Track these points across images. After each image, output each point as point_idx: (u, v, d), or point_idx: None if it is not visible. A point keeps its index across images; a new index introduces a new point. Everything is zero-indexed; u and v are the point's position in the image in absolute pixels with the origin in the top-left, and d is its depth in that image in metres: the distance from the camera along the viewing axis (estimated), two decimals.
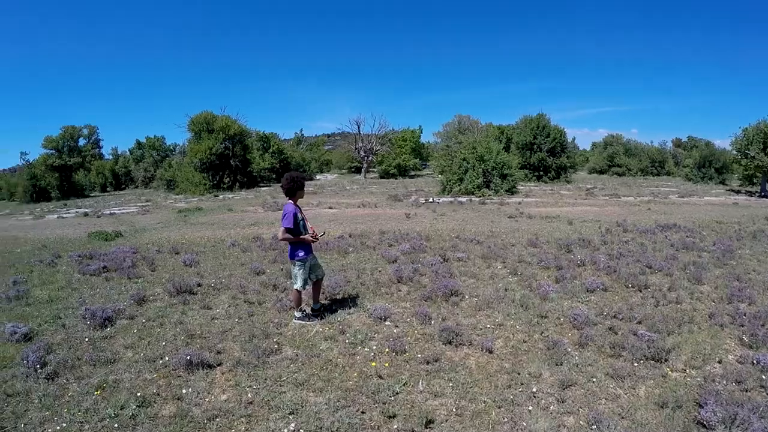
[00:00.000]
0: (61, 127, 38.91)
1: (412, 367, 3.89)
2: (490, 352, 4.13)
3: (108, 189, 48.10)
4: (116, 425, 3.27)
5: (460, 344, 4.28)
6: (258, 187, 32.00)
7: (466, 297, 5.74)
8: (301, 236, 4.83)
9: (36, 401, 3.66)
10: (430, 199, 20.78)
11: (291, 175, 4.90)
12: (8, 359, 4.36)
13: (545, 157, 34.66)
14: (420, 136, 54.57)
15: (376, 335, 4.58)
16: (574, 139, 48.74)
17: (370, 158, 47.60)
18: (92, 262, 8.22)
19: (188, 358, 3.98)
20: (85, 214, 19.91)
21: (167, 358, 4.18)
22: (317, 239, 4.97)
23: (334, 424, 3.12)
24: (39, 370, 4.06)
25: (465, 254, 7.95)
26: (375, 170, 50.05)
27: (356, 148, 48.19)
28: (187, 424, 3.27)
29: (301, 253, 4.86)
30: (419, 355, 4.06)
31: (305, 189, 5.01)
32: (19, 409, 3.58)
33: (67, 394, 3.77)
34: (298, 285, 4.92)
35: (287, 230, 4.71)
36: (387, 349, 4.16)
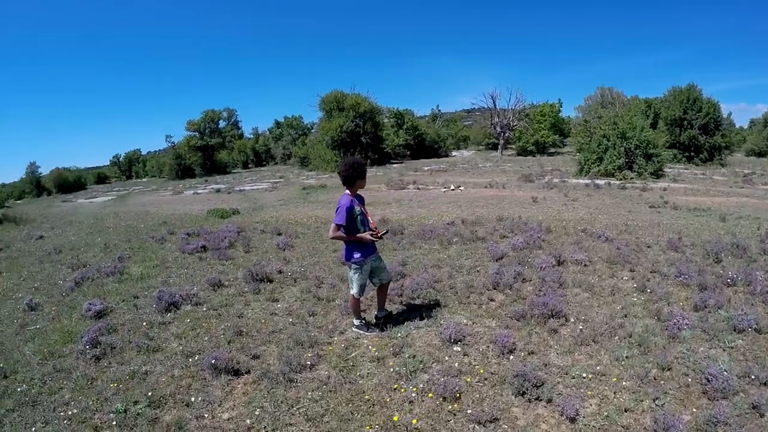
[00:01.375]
0: (202, 111, 44.20)
1: (457, 427, 2.96)
2: (573, 420, 2.97)
3: (249, 166, 53.71)
4: (116, 422, 3.14)
5: (536, 399, 3.19)
6: (389, 164, 32.41)
7: (570, 321, 4.47)
8: (358, 234, 4.11)
9: (73, 380, 3.79)
10: (564, 180, 18.51)
11: (350, 160, 4.15)
12: (75, 335, 4.54)
13: (697, 135, 29.94)
14: (560, 110, 51.23)
15: (434, 365, 3.71)
16: (729, 114, 39.94)
17: (506, 134, 46.29)
18: (194, 240, 8.75)
19: (213, 361, 3.63)
20: (218, 191, 22.16)
21: (201, 356, 3.92)
22: (379, 238, 4.18)
23: None
24: (88, 351, 4.12)
25: (587, 256, 6.44)
26: (513, 147, 48.35)
27: (492, 124, 47.32)
28: None
29: (357, 255, 4.16)
30: (472, 410, 3.08)
31: (366, 177, 4.27)
32: (56, 385, 3.74)
33: (101, 378, 3.75)
34: (354, 291, 4.30)
35: (338, 227, 4.03)
36: (433, 393, 3.26)
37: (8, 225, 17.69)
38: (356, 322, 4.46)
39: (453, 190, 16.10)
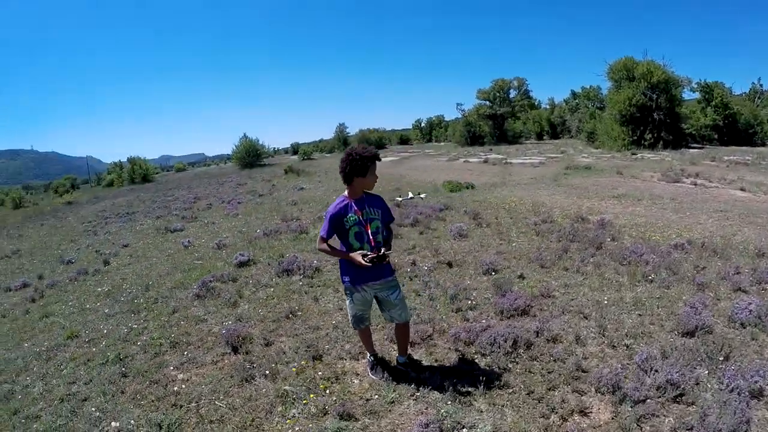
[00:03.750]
0: (491, 81, 44.39)
1: None
2: None
3: (543, 137, 51.79)
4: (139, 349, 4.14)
5: None
6: (686, 149, 25.59)
7: None
8: (350, 253, 3.13)
9: (177, 314, 5.19)
10: None
11: (348, 150, 3.18)
12: (207, 275, 5.87)
13: None
14: None
15: None
16: None
17: None
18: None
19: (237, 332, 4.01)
20: (485, 161, 22.46)
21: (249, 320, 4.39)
22: (377, 261, 3.05)
23: None
24: (199, 290, 5.46)
25: None
26: None
27: None
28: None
29: (346, 279, 3.25)
30: None
31: (372, 173, 3.20)
32: (156, 318, 4.89)
33: (182, 311, 5.08)
34: (349, 319, 3.55)
35: (321, 239, 3.20)
36: None
37: (291, 175, 23.36)
38: (369, 359, 3.62)
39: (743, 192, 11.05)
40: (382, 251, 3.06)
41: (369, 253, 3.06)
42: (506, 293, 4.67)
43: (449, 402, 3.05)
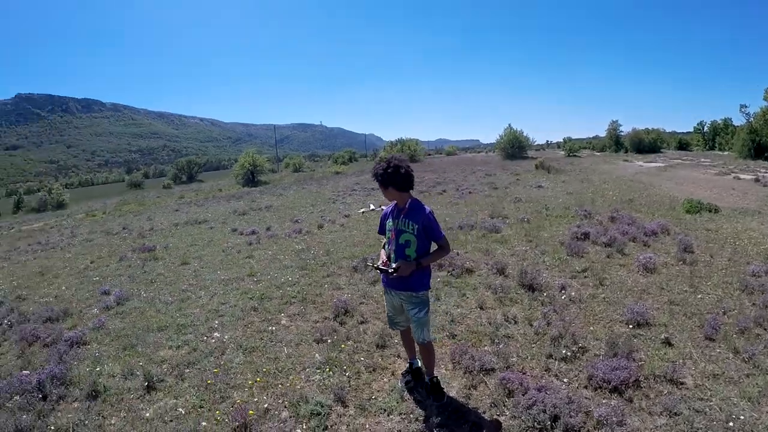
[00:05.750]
0: None
1: None
2: None
3: None
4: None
5: None
6: None
7: None
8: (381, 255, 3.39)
9: (327, 278, 6.65)
10: None
11: (388, 157, 3.25)
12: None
13: None
14: None
15: None
16: None
17: None
18: (588, 225, 8.49)
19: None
20: (756, 180, 17.45)
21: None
22: (381, 272, 3.23)
23: None
24: (357, 264, 6.86)
25: None
26: None
27: None
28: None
29: (383, 276, 3.40)
30: None
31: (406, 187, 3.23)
32: (309, 276, 6.48)
33: (332, 277, 6.56)
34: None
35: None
36: None
37: (540, 171, 22.47)
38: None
39: None
40: (392, 266, 3.14)
41: (385, 259, 3.29)
42: (617, 354, 3.73)
43: None
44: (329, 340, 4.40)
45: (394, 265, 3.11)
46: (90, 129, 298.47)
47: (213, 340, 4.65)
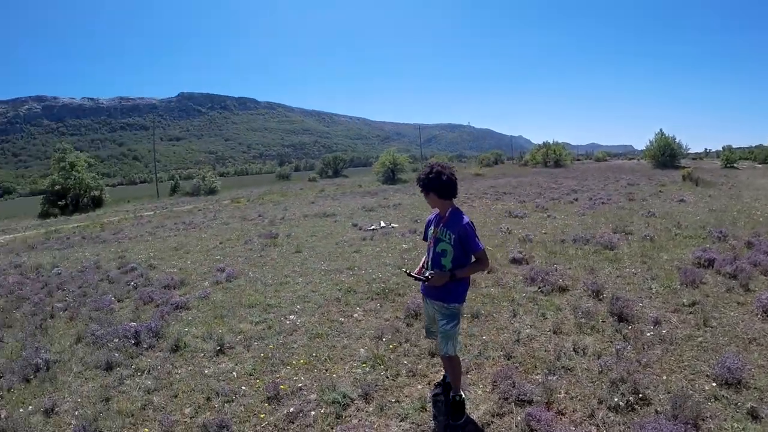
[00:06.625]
0: None
1: None
2: None
3: None
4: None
5: None
6: None
7: None
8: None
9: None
10: None
11: (431, 163, 3.25)
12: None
13: None
14: None
15: None
16: None
17: None
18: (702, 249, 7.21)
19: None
20: None
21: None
22: (415, 279, 3.16)
23: None
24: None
25: None
26: None
27: None
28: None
29: (421, 284, 3.38)
30: None
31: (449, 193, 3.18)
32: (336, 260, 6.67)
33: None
34: None
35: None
36: None
37: (686, 183, 19.79)
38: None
39: None
40: (426, 274, 3.12)
41: (422, 267, 3.32)
42: (677, 416, 3.05)
43: None
44: (385, 339, 4.54)
45: (427, 274, 3.09)
46: (246, 124, 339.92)
47: (288, 322, 5.15)
